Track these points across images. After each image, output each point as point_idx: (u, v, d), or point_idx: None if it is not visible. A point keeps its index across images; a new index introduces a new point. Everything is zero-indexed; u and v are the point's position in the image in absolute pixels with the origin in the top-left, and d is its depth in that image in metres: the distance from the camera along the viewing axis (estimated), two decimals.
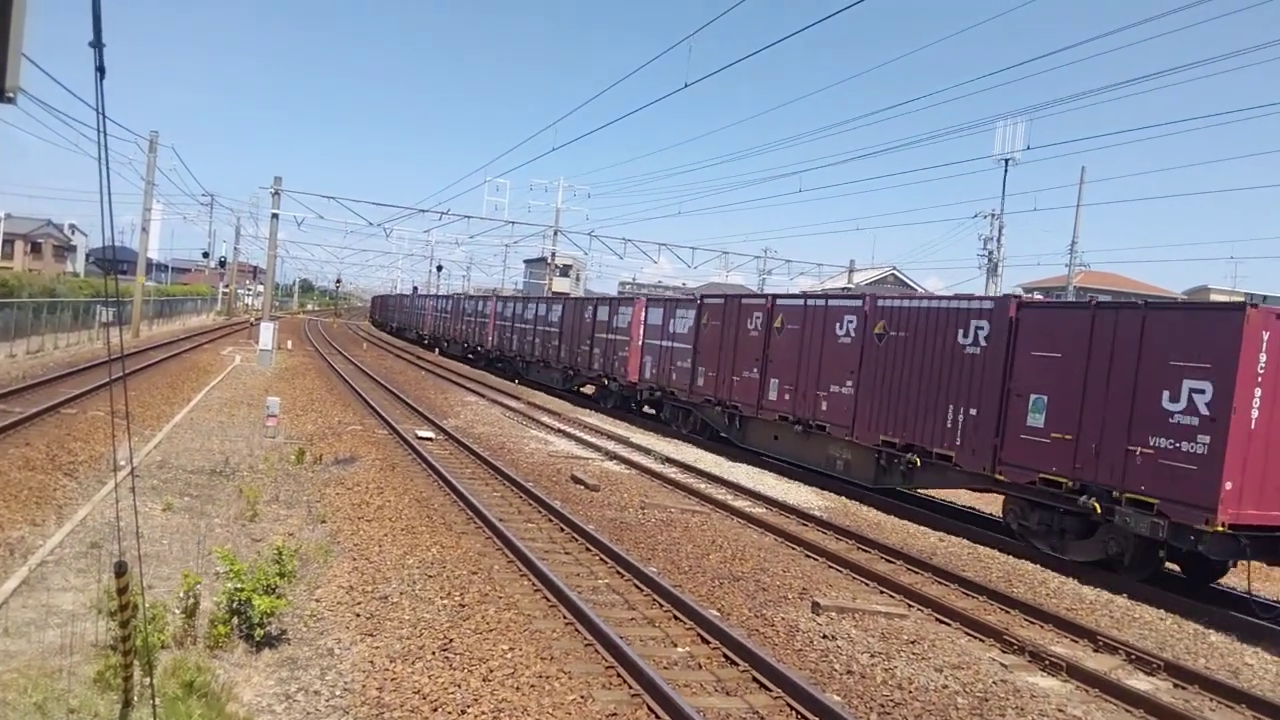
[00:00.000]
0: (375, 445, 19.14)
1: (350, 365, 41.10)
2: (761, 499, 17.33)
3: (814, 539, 14.25)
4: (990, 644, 10.04)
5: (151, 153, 47.22)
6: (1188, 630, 11.48)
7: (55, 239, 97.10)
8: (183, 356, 36.55)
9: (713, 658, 8.67)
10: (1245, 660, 10.56)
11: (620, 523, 14.37)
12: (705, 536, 13.85)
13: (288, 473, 16.02)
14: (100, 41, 3.97)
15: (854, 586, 11.96)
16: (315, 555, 11.02)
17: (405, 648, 8.14)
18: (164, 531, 11.49)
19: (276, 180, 42.13)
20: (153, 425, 19.26)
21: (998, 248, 43.35)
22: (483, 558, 11.32)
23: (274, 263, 46.11)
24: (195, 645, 7.80)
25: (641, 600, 10.32)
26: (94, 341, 38.20)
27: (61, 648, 7.40)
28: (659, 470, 19.56)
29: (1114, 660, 9.88)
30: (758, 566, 12.34)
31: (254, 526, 12.30)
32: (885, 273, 73.46)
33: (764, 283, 59.85)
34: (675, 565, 12.03)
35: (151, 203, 48.77)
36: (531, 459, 19.73)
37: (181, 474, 15.02)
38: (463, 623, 8.84)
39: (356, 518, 13.01)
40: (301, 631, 8.59)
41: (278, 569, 8.44)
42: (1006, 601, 11.62)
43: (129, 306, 45.42)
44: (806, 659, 8.98)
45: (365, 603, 9.39)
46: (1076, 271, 44.94)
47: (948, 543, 15.35)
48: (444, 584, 10.04)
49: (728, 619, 9.82)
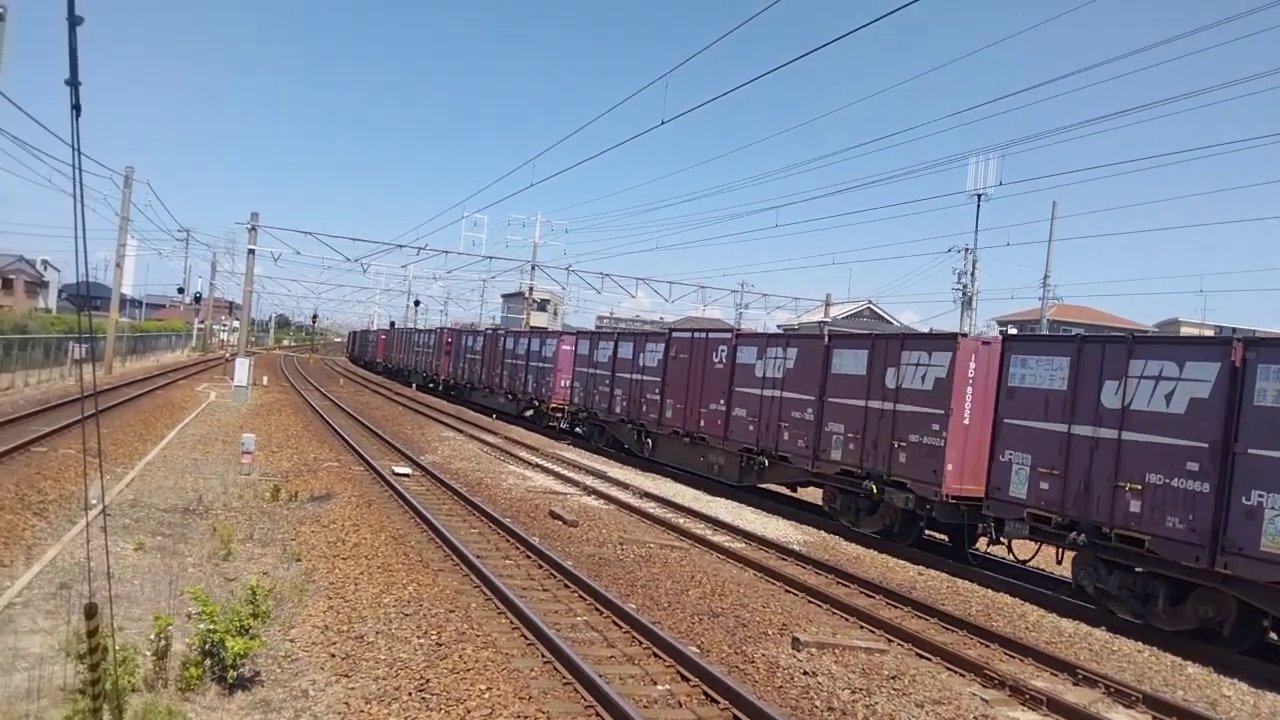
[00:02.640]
0: (352, 482, 18.98)
1: (327, 401, 40.83)
2: (740, 533, 17.28)
3: (793, 573, 14.21)
4: (971, 679, 10.01)
5: (126, 188, 47.05)
6: (1165, 662, 11.51)
7: (27, 275, 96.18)
8: (157, 393, 36.21)
9: (693, 695, 8.59)
10: (1223, 692, 10.58)
11: (599, 559, 14.29)
12: (684, 572, 13.79)
13: (262, 510, 15.85)
14: (76, 80, 3.97)
15: (834, 621, 11.92)
16: (290, 594, 10.88)
17: (381, 688, 8.03)
18: (135, 571, 11.31)
19: (253, 216, 42.03)
20: (125, 463, 19.02)
21: (972, 281, 43.82)
22: (460, 595, 11.21)
23: (250, 298, 45.86)
24: (166, 688, 7.66)
25: (621, 637, 10.24)
26: (66, 378, 37.77)
27: (28, 692, 7.24)
28: (637, 505, 19.49)
29: (1094, 693, 9.88)
30: (737, 602, 12.28)
31: (228, 566, 12.14)
32: (862, 306, 74.02)
33: (741, 317, 60.07)
34: (654, 601, 11.95)
35: (126, 238, 48.55)
36: (509, 495, 19.62)
37: (154, 512, 14.82)
38: (440, 662, 8.73)
39: (332, 556, 12.87)
40: (275, 673, 8.46)
41: (251, 609, 8.32)
42: (986, 635, 11.61)
43: (102, 343, 45.01)
44: (787, 696, 8.92)
45: (341, 642, 9.26)
46: (1050, 305, 45.43)
47: (927, 576, 15.35)
48: (421, 622, 9.92)
49: (708, 655, 9.75)
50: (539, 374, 37.18)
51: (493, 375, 42.91)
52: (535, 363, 38.02)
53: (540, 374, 36.77)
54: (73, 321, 47.22)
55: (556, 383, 35.19)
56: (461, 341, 50.14)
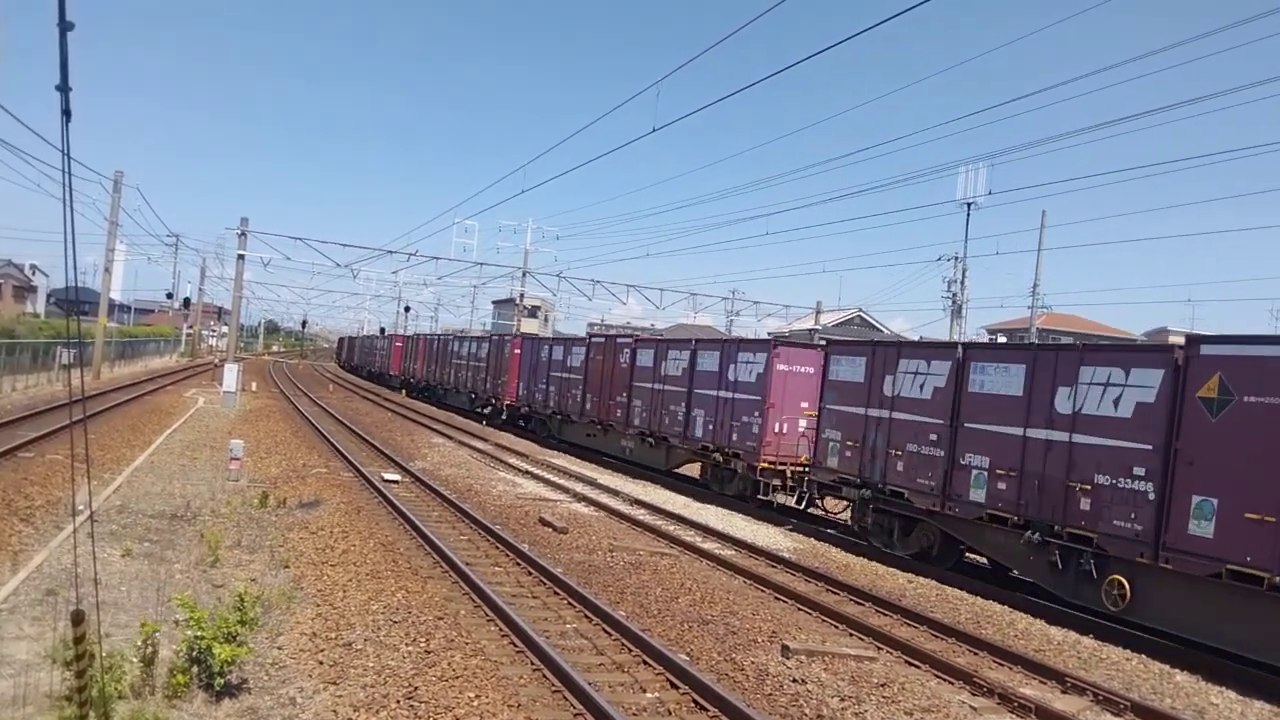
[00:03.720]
0: (340, 488, 18.93)
1: (316, 407, 40.72)
2: (730, 540, 17.29)
3: (783, 581, 14.22)
4: (960, 686, 10.03)
5: (116, 193, 46.89)
6: (1154, 670, 11.54)
7: (15, 279, 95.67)
8: (145, 399, 36.04)
9: (682, 703, 8.58)
10: (1211, 700, 10.62)
11: (589, 566, 14.27)
12: (674, 579, 13.78)
13: (250, 517, 15.78)
14: (67, 85, 3.97)
15: (823, 629, 11.93)
16: (278, 601, 10.83)
17: (369, 696, 8.00)
18: (123, 578, 11.25)
19: (243, 221, 41.98)
20: (113, 469, 18.93)
21: (961, 290, 43.94)
22: (449, 603, 11.18)
23: (239, 304, 45.77)
24: (153, 695, 7.62)
25: (610, 645, 10.22)
26: (54, 383, 37.57)
27: (14, 699, 7.20)
28: (627, 512, 19.47)
29: (1082, 701, 9.90)
30: (727, 609, 12.28)
31: (215, 572, 12.08)
32: (852, 314, 74.14)
33: (731, 324, 60.18)
34: (644, 609, 11.94)
35: (115, 243, 48.34)
36: (499, 501, 19.59)
37: (141, 519, 14.75)
38: (428, 670, 8.70)
39: (321, 563, 12.82)
40: (263, 680, 8.42)
41: (239, 616, 8.29)
42: (975, 643, 11.63)
43: (90, 348, 44.81)
44: (777, 703, 8.92)
45: (329, 650, 9.23)
46: (1039, 313, 45.59)
47: (916, 584, 15.37)
48: (409, 630, 9.89)
49: (697, 663, 9.74)
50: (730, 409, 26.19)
51: (612, 405, 29.63)
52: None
53: (735, 409, 23.89)
54: (61, 326, 46.99)
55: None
56: (540, 353, 36.45)
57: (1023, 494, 14.40)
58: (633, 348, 28.33)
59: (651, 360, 27.12)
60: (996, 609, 13.98)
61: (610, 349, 29.90)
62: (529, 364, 36.99)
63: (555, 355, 34.58)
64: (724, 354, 23.84)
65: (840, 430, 18.79)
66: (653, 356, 27.05)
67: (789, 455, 21.59)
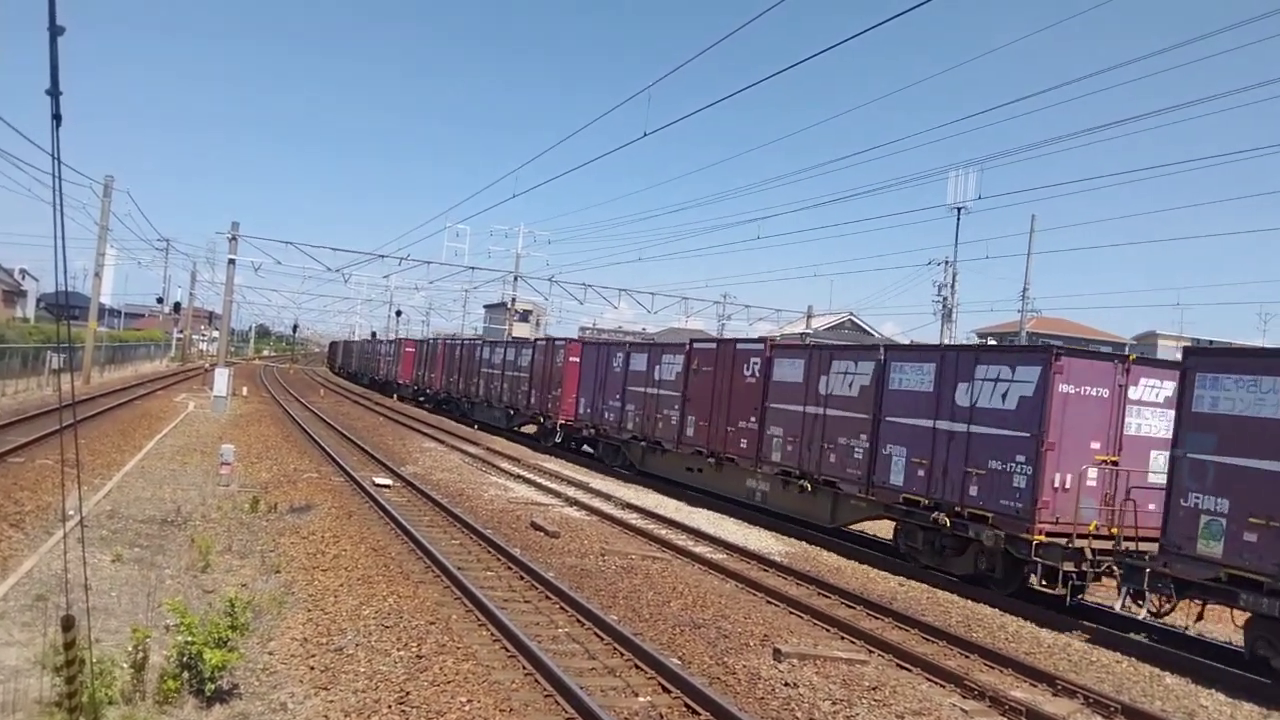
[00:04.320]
0: (332, 493, 18.89)
1: (307, 412, 40.63)
2: (722, 544, 17.30)
3: (774, 585, 14.23)
4: (951, 689, 10.05)
5: (106, 197, 46.75)
6: (1144, 673, 11.58)
7: (5, 284, 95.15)
8: (135, 403, 35.92)
9: (674, 707, 8.59)
10: (1201, 702, 10.66)
11: (581, 570, 14.26)
12: (666, 583, 13.78)
13: (241, 522, 15.74)
14: (57, 89, 3.96)
15: (815, 632, 11.94)
16: (269, 606, 10.81)
17: (361, 701, 7.98)
18: (113, 583, 11.22)
19: (234, 225, 41.81)
20: (103, 474, 18.86)
21: (951, 294, 44.10)
22: (441, 607, 11.17)
23: (230, 308, 45.64)
24: (144, 701, 7.60)
25: (602, 649, 10.22)
26: (44, 388, 37.44)
27: (4, 705, 7.17)
28: (620, 516, 19.47)
29: (1072, 704, 9.93)
30: (719, 613, 12.29)
31: (206, 577, 12.05)
32: (843, 318, 74.22)
33: (723, 328, 60.21)
34: (636, 613, 11.94)
35: (105, 247, 48.20)
36: (491, 506, 19.57)
37: (132, 524, 14.70)
38: (420, 675, 8.69)
39: (312, 567, 12.80)
40: (254, 685, 8.40)
41: (230, 621, 8.27)
42: (966, 646, 11.66)
43: (80, 352, 44.63)
44: (768, 707, 8.93)
45: (320, 655, 9.21)
46: (1029, 317, 45.74)
47: (907, 587, 15.40)
48: (401, 635, 9.88)
49: (689, 667, 9.75)
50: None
51: (732, 433, 22.57)
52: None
53: (978, 450, 16.42)
54: (51, 331, 46.79)
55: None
56: (609, 361, 29.46)
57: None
58: (766, 356, 21.52)
59: (800, 373, 20.21)
60: (987, 612, 14.02)
61: (727, 357, 23.19)
62: (594, 375, 30.12)
63: (636, 365, 27.48)
64: (951, 365, 16.28)
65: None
66: (802, 368, 20.16)
67: (1074, 521, 14.09)
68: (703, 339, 27.34)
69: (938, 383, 16.37)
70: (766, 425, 21.11)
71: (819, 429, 19.22)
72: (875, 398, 17.78)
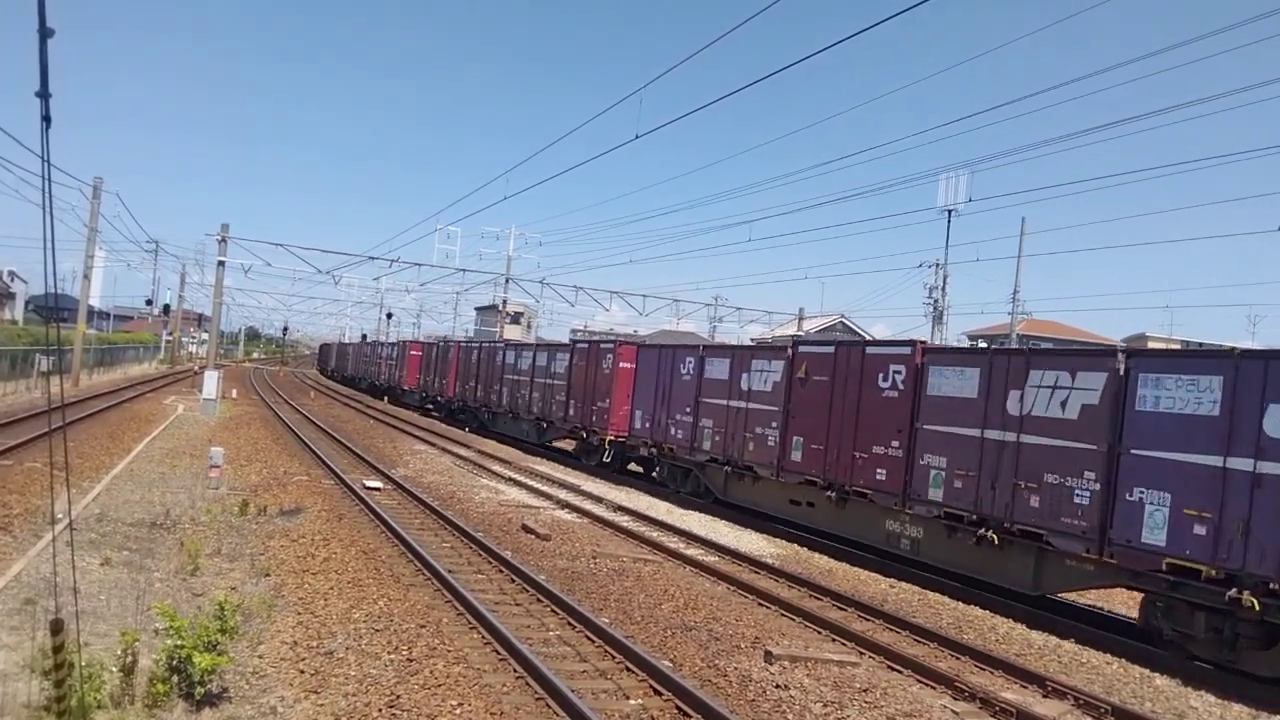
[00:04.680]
0: (322, 496, 18.83)
1: (297, 414, 40.51)
2: (714, 547, 17.29)
3: (766, 587, 14.24)
4: (941, 691, 10.07)
5: (95, 199, 46.58)
6: (1134, 674, 11.62)
7: None
8: (124, 406, 35.77)
9: (665, 709, 8.58)
10: (1190, 704, 10.69)
11: (572, 573, 14.25)
12: (658, 586, 13.77)
13: (231, 525, 15.69)
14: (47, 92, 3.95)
15: (806, 634, 11.95)
16: (259, 610, 10.77)
17: (351, 705, 7.96)
18: (102, 587, 11.16)
19: (224, 227, 41.69)
20: (92, 477, 18.78)
21: (942, 296, 44.22)
22: (431, 610, 11.15)
23: (219, 310, 45.49)
24: (133, 705, 7.56)
25: (594, 652, 10.22)
26: (32, 391, 37.26)
27: None
28: (611, 519, 19.46)
29: (1063, 706, 9.95)
30: (710, 616, 12.29)
31: (195, 581, 12.00)
32: (834, 320, 74.33)
33: (714, 330, 60.30)
34: (627, 616, 11.94)
35: (94, 250, 48.01)
36: (482, 509, 19.54)
37: (121, 527, 14.63)
38: (410, 678, 8.67)
39: (301, 570, 12.76)
40: (244, 689, 8.37)
41: (219, 624, 8.24)
42: (957, 648, 11.68)
43: (69, 355, 44.44)
44: (760, 709, 8.93)
45: (310, 659, 9.18)
46: (1019, 319, 45.89)
47: (898, 589, 15.42)
48: (391, 638, 9.85)
49: (680, 670, 9.74)
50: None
51: (861, 461, 17.57)
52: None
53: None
54: (39, 333, 46.59)
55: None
56: (675, 367, 24.50)
57: None
58: (916, 363, 16.54)
59: (975, 386, 15.26)
60: (978, 613, 14.04)
61: (852, 364, 18.08)
62: (654, 384, 25.23)
63: (713, 372, 22.60)
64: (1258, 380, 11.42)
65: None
66: (976, 380, 15.21)
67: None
68: (815, 340, 22.52)
69: (1229, 407, 11.59)
70: (918, 453, 16.08)
71: (1009, 461, 14.39)
72: (1113, 421, 12.90)
